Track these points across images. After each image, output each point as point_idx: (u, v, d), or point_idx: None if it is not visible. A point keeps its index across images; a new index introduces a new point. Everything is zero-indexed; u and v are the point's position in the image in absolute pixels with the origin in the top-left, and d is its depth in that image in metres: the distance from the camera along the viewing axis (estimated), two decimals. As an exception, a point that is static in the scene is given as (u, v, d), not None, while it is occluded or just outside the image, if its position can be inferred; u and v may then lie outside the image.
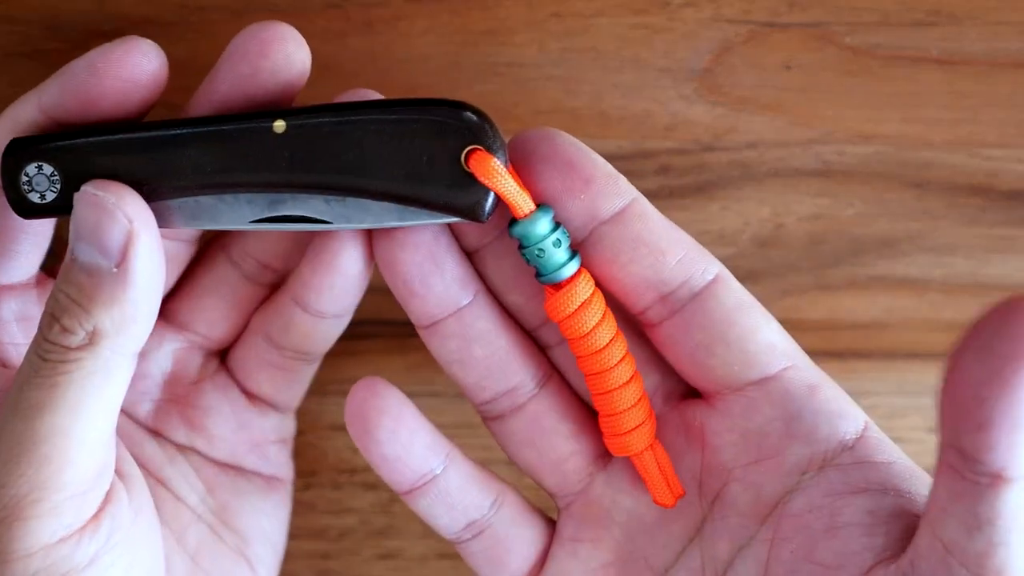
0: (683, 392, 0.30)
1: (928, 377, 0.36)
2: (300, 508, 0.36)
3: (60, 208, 0.27)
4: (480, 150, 0.26)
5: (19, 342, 0.29)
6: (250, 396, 0.33)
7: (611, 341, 0.28)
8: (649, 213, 0.28)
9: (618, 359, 0.28)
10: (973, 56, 0.35)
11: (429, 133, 0.26)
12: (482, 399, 0.30)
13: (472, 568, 0.30)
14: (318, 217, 0.27)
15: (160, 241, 0.26)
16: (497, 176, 0.26)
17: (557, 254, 0.27)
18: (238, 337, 0.33)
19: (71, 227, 0.26)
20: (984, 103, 0.35)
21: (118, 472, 0.27)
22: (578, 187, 0.27)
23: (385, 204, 0.27)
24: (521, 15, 0.35)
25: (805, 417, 0.27)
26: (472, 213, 0.27)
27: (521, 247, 0.28)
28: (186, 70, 0.35)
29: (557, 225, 0.27)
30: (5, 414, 0.25)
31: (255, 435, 0.33)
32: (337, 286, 0.30)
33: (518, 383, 0.29)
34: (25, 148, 0.27)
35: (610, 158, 0.35)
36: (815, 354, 0.29)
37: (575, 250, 0.28)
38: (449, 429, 0.36)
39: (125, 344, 0.26)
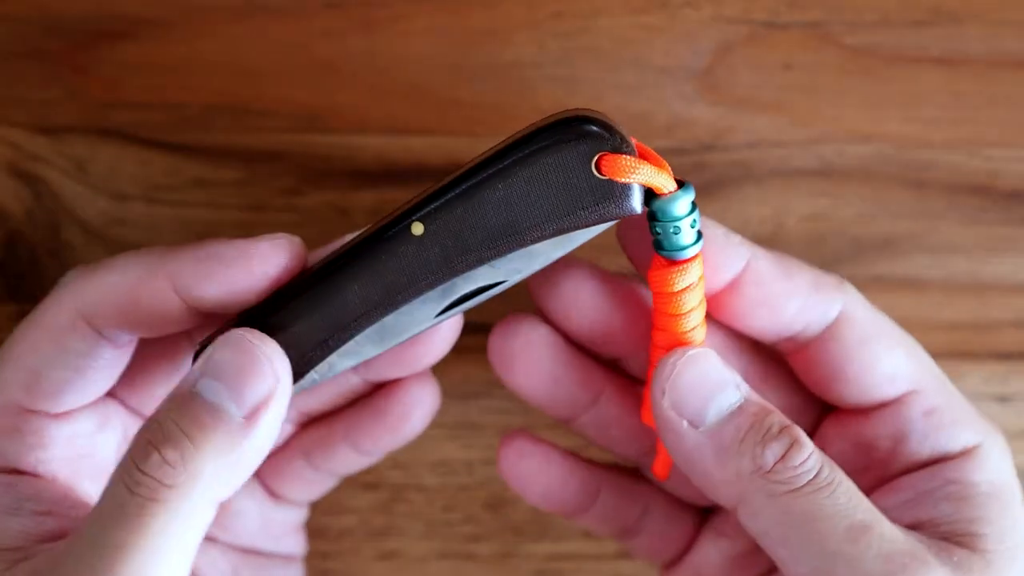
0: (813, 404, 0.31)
1: (928, 377, 0.36)
2: (300, 508, 0.36)
3: None
4: (606, 154, 0.26)
5: (69, 456, 0.29)
6: (273, 495, 0.33)
7: (697, 326, 0.28)
8: (763, 274, 0.28)
9: (698, 342, 0.28)
10: (973, 56, 0.35)
11: (553, 164, 0.26)
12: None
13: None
14: (491, 283, 0.27)
15: (289, 404, 0.26)
16: (632, 170, 0.26)
17: (688, 235, 0.27)
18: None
19: (202, 361, 0.25)
20: (984, 103, 0.35)
21: None
22: None
23: (545, 242, 0.27)
24: (521, 15, 0.35)
25: (913, 438, 0.28)
26: (628, 210, 0.27)
27: (654, 220, 0.27)
28: (186, 70, 0.35)
29: (695, 206, 0.27)
30: (86, 546, 0.24)
31: (276, 529, 0.33)
32: (397, 440, 0.31)
33: None
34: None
35: (610, 158, 0.35)
36: (815, 354, 0.29)
37: (700, 232, 0.28)
38: (450, 429, 0.36)
39: (218, 492, 0.25)
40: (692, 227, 0.27)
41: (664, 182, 0.27)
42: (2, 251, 0.35)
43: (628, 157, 0.26)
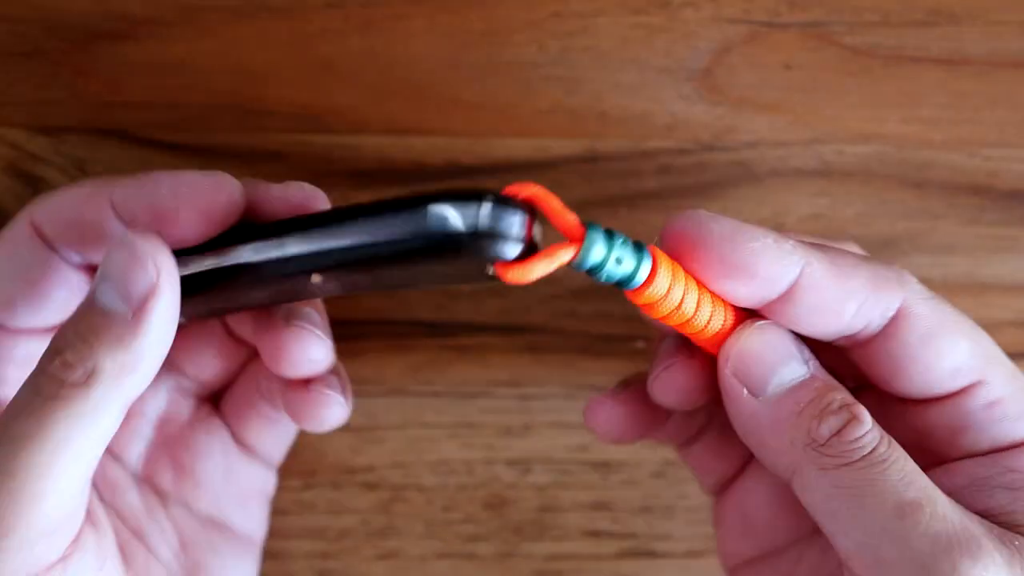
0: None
1: (928, 377, 0.36)
2: (300, 508, 0.36)
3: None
4: (500, 264, 0.25)
5: (24, 379, 0.29)
6: (239, 443, 0.33)
7: (695, 312, 0.27)
8: (818, 280, 0.27)
9: (704, 322, 0.27)
10: (973, 56, 0.35)
11: (455, 263, 0.25)
12: None
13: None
14: None
15: (179, 302, 0.26)
16: (529, 272, 0.25)
17: (624, 267, 0.26)
18: (231, 383, 0.33)
19: (99, 267, 0.26)
20: (984, 103, 0.35)
21: (89, 517, 0.27)
22: (743, 281, 0.27)
23: None
24: (521, 15, 0.35)
25: (971, 430, 0.28)
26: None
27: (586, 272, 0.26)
28: (186, 70, 0.35)
29: (611, 239, 0.25)
30: None
31: (242, 484, 0.33)
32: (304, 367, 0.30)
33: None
34: None
35: (610, 158, 0.35)
36: (815, 354, 0.29)
37: (640, 246, 0.26)
38: (449, 429, 0.36)
39: (120, 392, 0.25)
40: (620, 263, 0.25)
41: (564, 255, 0.25)
42: (2, 251, 0.35)
43: (519, 268, 0.25)
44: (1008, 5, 0.35)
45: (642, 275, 0.26)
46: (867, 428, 0.26)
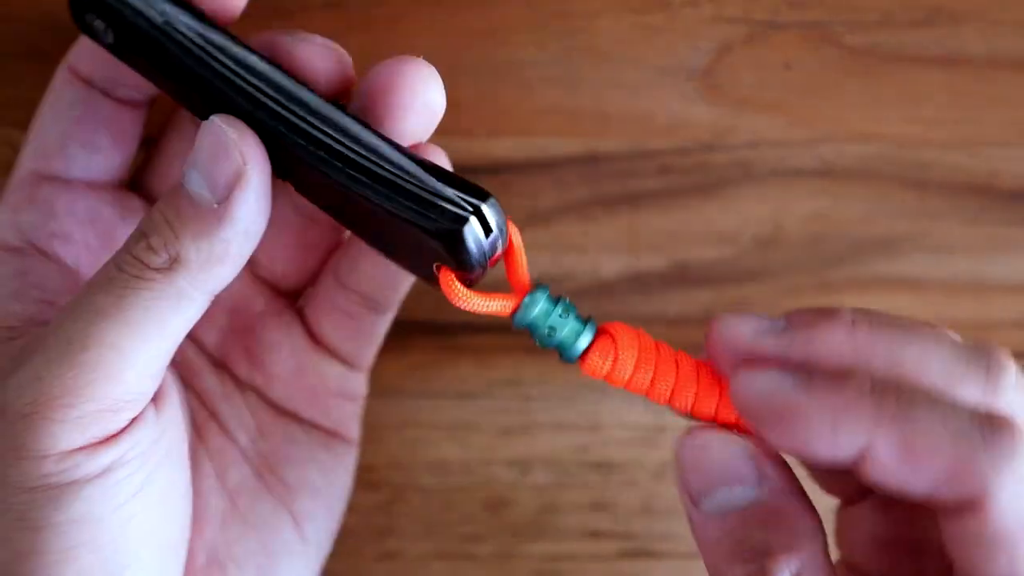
0: None
1: (928, 377, 0.36)
2: (300, 508, 0.36)
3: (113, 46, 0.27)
4: (445, 270, 0.25)
5: (91, 243, 0.29)
6: (315, 340, 0.32)
7: (653, 381, 0.26)
8: (883, 464, 0.23)
9: (667, 394, 0.26)
10: (973, 56, 0.35)
11: (417, 231, 0.25)
12: None
13: None
14: None
15: (269, 190, 0.26)
16: (461, 300, 0.25)
17: (563, 333, 0.26)
18: (311, 279, 0.32)
19: (191, 153, 0.26)
20: (984, 103, 0.35)
21: (156, 396, 0.27)
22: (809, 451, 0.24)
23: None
24: (521, 15, 0.35)
25: None
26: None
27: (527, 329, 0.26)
28: (186, 70, 0.35)
29: (555, 302, 0.26)
30: (67, 311, 0.25)
31: (314, 381, 0.32)
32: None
33: None
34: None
35: (610, 158, 0.35)
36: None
37: (586, 318, 0.26)
38: (449, 430, 0.36)
39: (205, 281, 0.25)
40: (553, 334, 0.25)
41: (499, 307, 0.25)
42: (2, 251, 0.35)
43: (458, 286, 0.25)
44: (1008, 5, 0.35)
45: (579, 348, 0.26)
46: None
